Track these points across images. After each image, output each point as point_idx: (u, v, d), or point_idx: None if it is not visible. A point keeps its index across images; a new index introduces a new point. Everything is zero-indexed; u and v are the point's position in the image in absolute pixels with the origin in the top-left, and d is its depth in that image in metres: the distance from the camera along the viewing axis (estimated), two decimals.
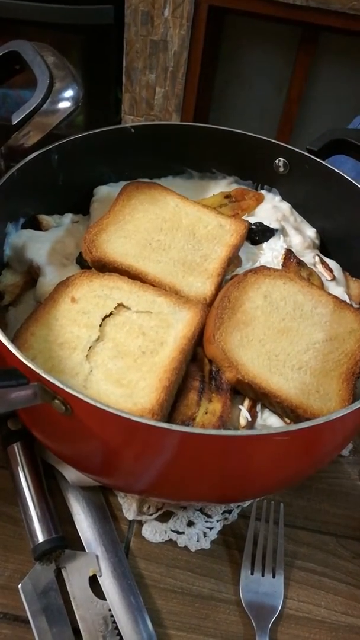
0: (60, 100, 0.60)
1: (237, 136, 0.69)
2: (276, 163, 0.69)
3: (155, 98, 2.02)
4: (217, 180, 0.73)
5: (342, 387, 0.52)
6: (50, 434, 0.51)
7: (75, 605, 0.52)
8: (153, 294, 0.55)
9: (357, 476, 0.64)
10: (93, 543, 0.55)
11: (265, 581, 0.55)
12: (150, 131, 0.69)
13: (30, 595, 0.51)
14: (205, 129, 0.71)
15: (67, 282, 0.55)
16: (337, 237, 0.69)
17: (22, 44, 0.63)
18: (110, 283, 0.55)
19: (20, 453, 0.58)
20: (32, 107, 0.57)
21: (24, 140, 0.59)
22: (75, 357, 0.50)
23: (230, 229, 0.63)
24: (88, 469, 0.54)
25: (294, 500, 0.62)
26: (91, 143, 0.65)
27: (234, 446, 0.43)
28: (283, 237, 0.66)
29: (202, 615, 0.54)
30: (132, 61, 1.92)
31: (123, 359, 0.50)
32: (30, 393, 0.41)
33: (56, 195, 0.65)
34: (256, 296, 0.56)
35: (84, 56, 1.96)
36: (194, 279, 0.58)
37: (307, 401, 0.50)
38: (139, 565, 0.56)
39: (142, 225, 0.61)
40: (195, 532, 0.58)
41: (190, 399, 0.51)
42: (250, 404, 0.52)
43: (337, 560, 0.58)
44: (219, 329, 0.53)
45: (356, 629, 0.54)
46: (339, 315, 0.57)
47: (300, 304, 0.57)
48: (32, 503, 0.55)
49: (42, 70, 0.60)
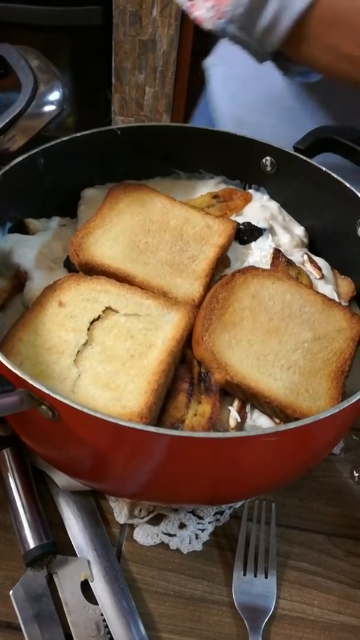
0: (45, 104, 0.60)
1: (225, 136, 0.69)
2: (263, 162, 0.69)
3: (145, 98, 2.02)
4: (205, 181, 0.73)
5: (331, 386, 0.52)
6: (39, 439, 0.51)
7: (68, 610, 0.51)
8: (141, 297, 0.55)
9: (348, 474, 0.64)
10: (84, 548, 0.55)
11: (258, 582, 0.55)
12: (136, 133, 0.69)
13: (22, 602, 0.51)
14: (192, 129, 0.71)
15: (55, 286, 0.55)
16: (325, 235, 0.69)
17: (6, 47, 0.63)
18: (98, 286, 0.55)
19: (10, 459, 0.58)
20: (16, 111, 0.57)
21: (9, 144, 0.58)
22: (63, 362, 0.49)
23: (219, 229, 0.62)
24: (78, 474, 0.54)
25: (285, 500, 0.61)
26: (77, 145, 0.65)
27: (223, 448, 0.43)
28: (271, 237, 0.66)
29: (195, 617, 0.54)
30: (121, 62, 1.92)
31: (111, 362, 0.50)
32: (16, 399, 0.40)
33: (43, 198, 0.65)
34: (244, 296, 0.56)
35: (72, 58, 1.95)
36: (182, 281, 0.58)
37: (297, 401, 0.50)
38: (131, 569, 0.56)
39: (129, 228, 0.61)
40: (187, 534, 0.58)
41: (180, 401, 0.50)
42: (239, 405, 0.52)
43: (330, 559, 0.58)
44: (207, 330, 0.53)
45: (349, 627, 0.54)
46: (328, 313, 0.57)
47: (289, 304, 0.57)
48: (22, 509, 0.55)
49: (26, 74, 0.59)
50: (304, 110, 0.81)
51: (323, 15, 0.57)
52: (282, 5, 0.56)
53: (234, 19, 0.59)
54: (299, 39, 0.59)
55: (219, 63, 0.92)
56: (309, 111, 0.80)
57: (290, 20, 0.57)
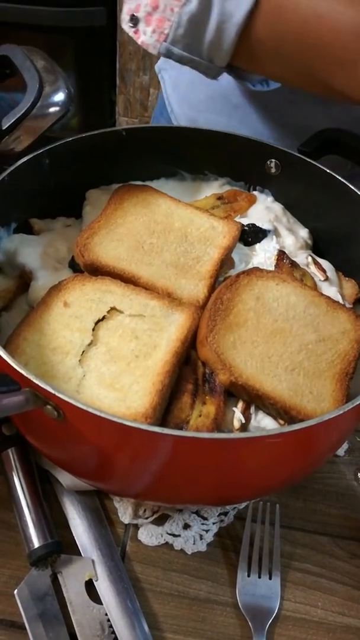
0: (50, 105, 0.60)
1: (230, 137, 0.69)
2: (268, 164, 0.69)
3: (149, 99, 2.02)
4: (210, 182, 0.73)
5: (335, 387, 0.52)
6: (44, 439, 0.51)
7: (72, 610, 0.52)
8: (146, 297, 0.55)
9: (352, 476, 0.64)
10: (89, 547, 0.55)
11: (262, 583, 0.55)
12: (141, 134, 0.69)
13: (27, 601, 0.51)
14: (197, 130, 0.71)
15: (60, 286, 0.55)
16: (329, 237, 0.69)
17: (11, 48, 0.63)
18: (103, 287, 0.55)
19: (15, 458, 0.58)
20: (22, 112, 0.57)
21: (15, 145, 0.59)
22: (68, 362, 0.50)
23: (223, 230, 0.63)
24: (82, 473, 0.54)
25: (289, 501, 0.61)
26: (83, 146, 0.65)
27: (227, 449, 0.44)
28: (276, 238, 0.66)
29: (199, 618, 0.54)
30: (125, 63, 1.92)
31: (116, 363, 0.50)
32: (22, 399, 0.41)
33: (48, 199, 0.65)
34: (249, 298, 0.56)
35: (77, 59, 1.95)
36: (186, 282, 0.58)
37: (301, 402, 0.50)
38: (135, 569, 0.56)
39: (134, 228, 0.61)
40: (192, 534, 0.58)
41: (184, 402, 0.51)
42: (244, 406, 0.52)
43: (334, 560, 0.58)
44: (212, 331, 0.53)
45: (353, 629, 0.54)
46: (332, 315, 0.57)
47: (293, 305, 0.57)
48: (27, 508, 0.55)
49: (32, 74, 0.59)
50: (253, 105, 0.81)
51: (267, 19, 0.55)
52: (221, 18, 0.55)
53: (177, 40, 0.58)
54: (246, 48, 0.58)
55: (168, 67, 0.93)
56: (257, 106, 0.80)
57: (234, 31, 0.56)
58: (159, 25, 0.57)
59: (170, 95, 0.93)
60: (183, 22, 0.56)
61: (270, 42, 0.57)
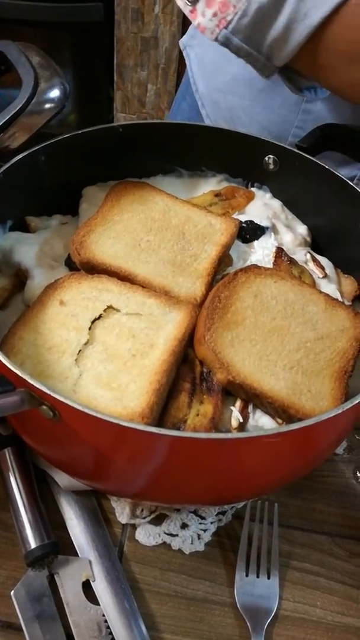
0: (45, 101, 0.60)
1: (227, 134, 0.69)
2: (266, 160, 0.69)
3: (147, 95, 2.01)
4: (207, 179, 0.72)
5: (334, 386, 0.52)
6: (40, 439, 0.51)
7: (69, 611, 0.51)
8: (143, 296, 0.54)
9: (351, 474, 0.64)
10: (86, 548, 0.55)
11: (260, 582, 0.55)
12: (138, 130, 0.68)
13: (23, 602, 0.51)
14: (194, 126, 0.70)
15: (56, 284, 0.55)
16: (328, 233, 0.68)
17: (6, 44, 0.62)
18: (100, 285, 0.55)
19: (11, 458, 0.57)
20: (17, 108, 0.57)
21: (10, 142, 0.58)
22: (64, 361, 0.49)
23: (221, 227, 0.62)
24: (79, 474, 0.53)
25: (288, 500, 0.61)
26: (79, 143, 0.64)
27: (225, 449, 0.43)
28: (274, 235, 0.66)
29: (197, 618, 0.53)
30: (123, 59, 1.92)
31: (113, 362, 0.50)
32: (17, 399, 0.40)
33: (44, 196, 0.64)
34: (247, 296, 0.56)
35: (74, 55, 1.95)
36: (184, 280, 0.57)
37: (299, 401, 0.50)
38: (132, 569, 0.55)
39: (131, 226, 0.61)
40: (189, 534, 0.57)
41: (181, 401, 0.50)
42: (242, 405, 0.52)
43: (333, 559, 0.58)
44: (209, 330, 0.52)
45: (352, 629, 0.54)
46: (331, 313, 0.57)
47: (292, 303, 0.56)
48: (23, 508, 0.55)
49: (27, 70, 0.59)
50: (277, 91, 0.77)
51: (346, 26, 0.50)
52: (293, 17, 0.50)
53: (239, 30, 0.53)
54: (313, 53, 0.53)
55: (194, 44, 0.89)
56: (282, 92, 0.75)
57: (304, 33, 0.51)
58: (223, 10, 0.52)
59: (195, 74, 0.88)
60: (250, 11, 0.51)
61: (350, 47, 0.52)
